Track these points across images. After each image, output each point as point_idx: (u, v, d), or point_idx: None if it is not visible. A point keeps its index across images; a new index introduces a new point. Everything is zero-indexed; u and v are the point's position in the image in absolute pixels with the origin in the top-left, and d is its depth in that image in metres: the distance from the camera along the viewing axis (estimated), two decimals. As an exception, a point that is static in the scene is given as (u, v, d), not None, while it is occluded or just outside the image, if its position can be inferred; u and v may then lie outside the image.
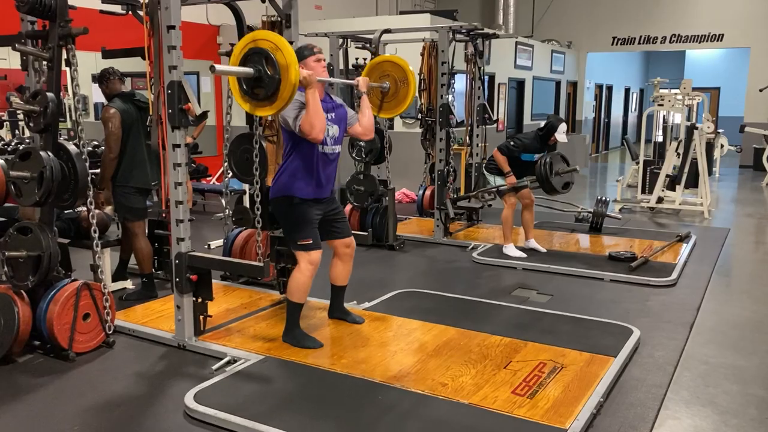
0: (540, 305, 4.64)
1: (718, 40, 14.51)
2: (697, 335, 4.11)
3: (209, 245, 6.28)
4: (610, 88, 18.67)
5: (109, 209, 4.93)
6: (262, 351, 3.63)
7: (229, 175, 5.09)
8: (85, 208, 3.91)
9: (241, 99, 3.36)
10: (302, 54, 3.64)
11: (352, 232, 4.03)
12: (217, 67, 3.15)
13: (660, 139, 11.03)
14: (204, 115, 3.56)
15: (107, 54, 4.96)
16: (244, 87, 3.32)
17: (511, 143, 5.75)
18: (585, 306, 4.62)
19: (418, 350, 3.68)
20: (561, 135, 5.63)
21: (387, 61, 4.87)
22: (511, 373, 3.36)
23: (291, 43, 4.27)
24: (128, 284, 4.94)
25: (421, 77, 6.91)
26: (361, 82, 4.00)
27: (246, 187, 6.71)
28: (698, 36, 14.66)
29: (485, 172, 6.12)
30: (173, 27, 3.46)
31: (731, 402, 3.21)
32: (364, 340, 3.83)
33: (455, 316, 4.23)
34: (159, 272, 5.04)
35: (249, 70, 3.24)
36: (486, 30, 6.83)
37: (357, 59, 6.80)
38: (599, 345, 3.74)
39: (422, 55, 6.94)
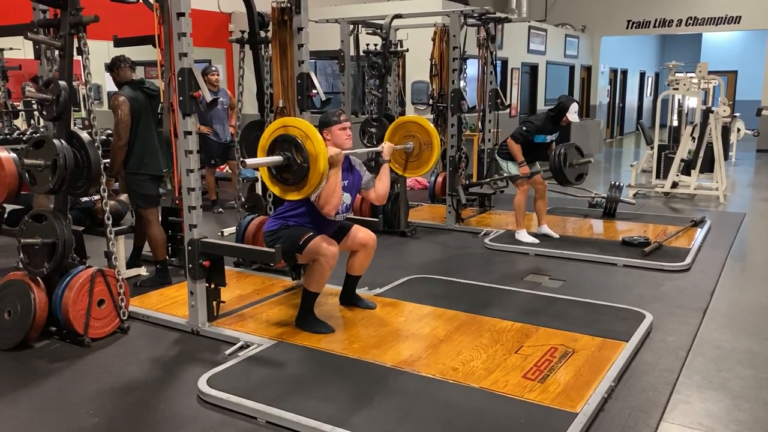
0: (552, 290, 4.63)
1: (735, 23, 14.28)
2: (711, 320, 4.08)
3: (222, 232, 6.32)
4: (624, 73, 18.47)
5: (123, 197, 4.98)
6: (275, 336, 3.66)
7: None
8: (99, 197, 3.95)
9: (269, 181, 3.49)
10: (329, 121, 3.66)
11: (364, 218, 4.03)
12: (248, 161, 3.34)
13: (675, 123, 10.93)
14: (214, 102, 3.56)
15: (119, 42, 4.97)
16: (273, 171, 3.44)
17: (524, 129, 5.71)
18: (597, 291, 4.60)
19: (429, 335, 3.69)
20: (573, 115, 5.60)
21: (412, 122, 4.74)
22: (522, 358, 3.36)
23: (300, 29, 4.28)
24: (142, 271, 4.99)
25: (433, 62, 6.88)
26: (386, 149, 4.01)
27: (258, 174, 6.76)
28: (715, 18, 14.44)
29: (498, 158, 6.10)
30: (183, 14, 3.46)
31: (744, 386, 3.19)
32: (376, 325, 3.85)
33: (466, 302, 4.23)
34: (173, 259, 5.09)
35: (279, 158, 3.36)
36: (498, 14, 6.76)
37: (368, 45, 6.77)
38: (611, 330, 3.73)
39: (433, 40, 6.91)
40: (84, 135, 3.70)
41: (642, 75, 20.44)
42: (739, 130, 12.53)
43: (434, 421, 2.75)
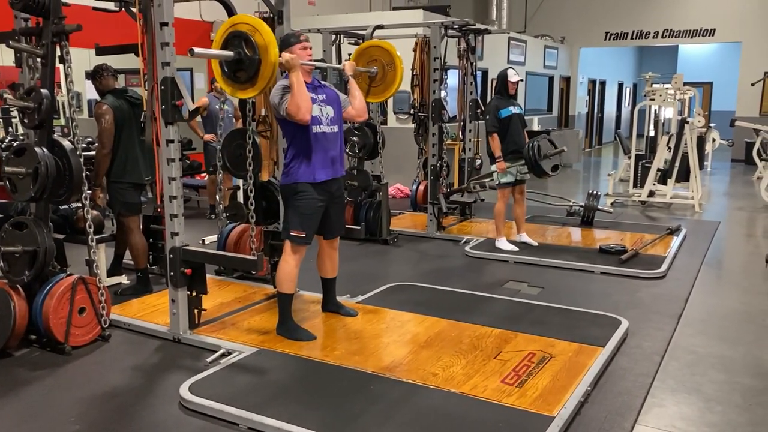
0: (531, 297, 4.70)
1: (710, 35, 14.59)
2: (685, 326, 4.17)
3: (203, 240, 6.32)
4: (603, 83, 18.74)
5: (100, 198, 4.95)
6: (256, 343, 3.68)
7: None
8: (80, 205, 3.95)
9: (223, 83, 3.45)
10: (288, 41, 3.69)
11: (347, 226, 4.08)
12: (196, 50, 3.23)
13: (652, 133, 11.11)
14: (197, 111, 3.59)
15: (101, 51, 4.98)
16: (226, 71, 3.40)
17: (488, 117, 5.80)
18: (575, 298, 4.68)
19: (410, 342, 3.73)
20: (513, 77, 5.77)
21: (373, 46, 4.91)
22: (500, 363, 3.42)
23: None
24: (123, 279, 4.98)
25: (414, 73, 6.95)
26: (348, 66, 4.06)
27: (240, 182, 6.77)
28: (690, 31, 14.74)
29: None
30: (166, 24, 3.50)
31: (717, 390, 3.28)
32: (357, 332, 3.89)
33: (447, 309, 4.28)
34: (153, 267, 5.08)
35: (228, 53, 3.31)
36: (478, 25, 6.86)
37: (350, 54, 6.82)
38: (588, 335, 3.80)
39: (415, 50, 6.98)
40: (66, 143, 3.71)
41: (620, 86, 20.74)
42: (714, 140, 12.76)
43: (415, 426, 2.79)
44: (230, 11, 4.75)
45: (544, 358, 3.48)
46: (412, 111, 7.35)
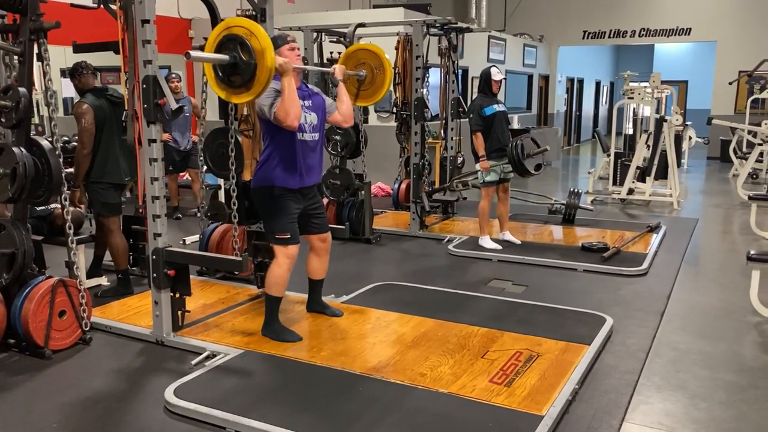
0: (515, 296, 4.71)
1: (685, 34, 14.77)
2: (668, 323, 4.21)
3: (184, 240, 6.25)
4: (581, 82, 18.89)
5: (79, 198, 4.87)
6: (242, 345, 3.64)
7: (204, 170, 5.08)
8: (59, 205, 3.88)
9: (217, 87, 3.36)
10: (276, 43, 3.64)
11: (330, 226, 4.05)
12: (192, 53, 3.16)
13: (630, 131, 11.22)
14: (180, 110, 3.53)
15: (78, 48, 4.89)
16: (220, 74, 3.32)
17: (471, 116, 5.79)
18: (559, 296, 4.70)
19: (396, 342, 3.72)
20: (497, 75, 5.79)
21: (362, 50, 4.89)
22: (488, 363, 3.42)
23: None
24: (103, 281, 4.90)
25: (396, 71, 6.94)
26: (338, 70, 4.02)
27: (221, 181, 6.70)
28: (667, 30, 14.91)
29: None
30: (147, 21, 3.44)
31: (700, 386, 3.31)
32: (343, 332, 3.86)
33: (432, 308, 4.28)
34: (134, 268, 5.01)
35: (225, 57, 3.25)
36: (460, 24, 6.87)
37: (332, 53, 6.80)
38: (574, 334, 3.82)
39: (397, 49, 6.97)
40: (44, 142, 3.64)
41: (597, 84, 20.93)
42: (690, 138, 12.95)
43: (405, 427, 2.78)
44: (212, 9, 4.70)
45: (531, 357, 3.48)
46: (394, 109, 7.34)
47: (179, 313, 3.82)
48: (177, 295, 3.78)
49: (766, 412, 3.05)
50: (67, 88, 7.72)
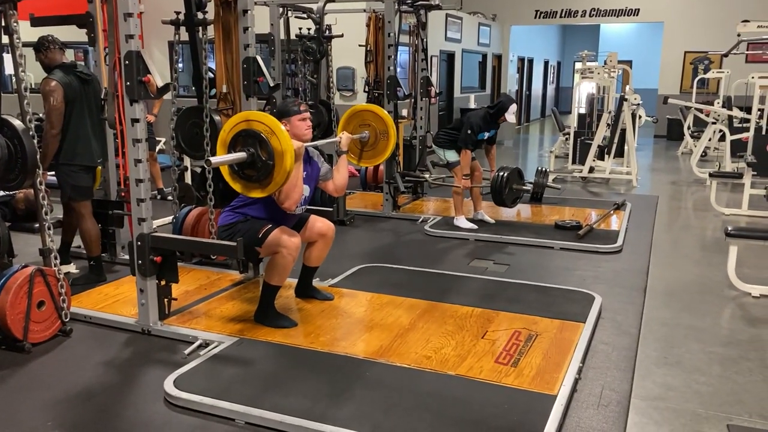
0: (500, 275, 4.72)
1: (634, 15, 15.07)
2: (652, 299, 4.30)
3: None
4: (531, 61, 19.10)
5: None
6: (234, 332, 3.52)
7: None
8: (22, 191, 3.64)
9: (230, 178, 3.31)
10: (287, 111, 3.55)
11: (318, 208, 3.96)
12: (213, 159, 3.15)
13: (583, 111, 11.42)
14: (166, 87, 3.35)
15: (37, 21, 4.59)
16: (235, 167, 3.26)
17: (469, 131, 5.72)
18: (542, 274, 4.74)
19: (393, 324, 3.66)
20: (510, 115, 5.72)
21: (368, 111, 4.73)
22: (490, 343, 3.41)
23: (246, 12, 4.10)
24: (72, 268, 4.64)
25: (368, 49, 6.81)
26: (344, 140, 3.91)
27: (188, 162, 6.47)
28: (616, 10, 15.18)
29: (434, 146, 6.11)
30: (131, -7, 3.23)
31: (696, 361, 3.39)
32: (338, 317, 3.79)
33: (422, 289, 4.24)
34: (103, 255, 4.77)
35: (243, 155, 3.19)
36: (430, 1, 6.77)
37: (300, 29, 6.61)
38: (567, 312, 3.85)
39: (368, 26, 6.83)
40: (17, 123, 3.39)
41: (546, 64, 21.22)
42: (640, 117, 13.26)
43: (422, 411, 2.73)
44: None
45: (531, 336, 3.49)
46: (366, 88, 7.21)
47: (166, 300, 3.66)
48: (163, 283, 3.62)
49: (763, 384, 3.14)
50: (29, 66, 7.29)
